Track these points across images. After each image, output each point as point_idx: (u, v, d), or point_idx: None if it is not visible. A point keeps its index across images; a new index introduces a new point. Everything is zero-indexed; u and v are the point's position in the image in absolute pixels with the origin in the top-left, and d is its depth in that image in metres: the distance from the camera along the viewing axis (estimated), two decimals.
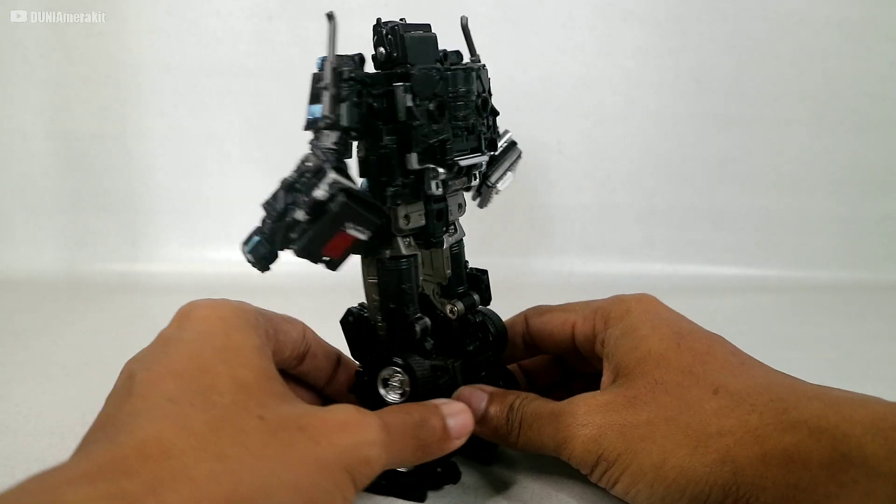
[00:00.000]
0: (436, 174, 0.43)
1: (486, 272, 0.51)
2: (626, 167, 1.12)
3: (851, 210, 1.14)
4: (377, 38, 0.44)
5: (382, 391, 0.45)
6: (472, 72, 0.45)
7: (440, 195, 0.45)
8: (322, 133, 0.40)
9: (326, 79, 0.40)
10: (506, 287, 0.50)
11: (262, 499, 0.30)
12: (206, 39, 1.10)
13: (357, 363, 0.49)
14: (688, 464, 0.38)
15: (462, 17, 0.47)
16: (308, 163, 0.39)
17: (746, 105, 1.12)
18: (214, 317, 0.39)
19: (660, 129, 1.12)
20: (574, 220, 1.11)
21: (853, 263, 1.13)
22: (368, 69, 0.44)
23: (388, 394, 0.45)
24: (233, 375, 0.35)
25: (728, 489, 0.37)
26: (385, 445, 0.36)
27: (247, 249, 0.43)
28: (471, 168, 0.47)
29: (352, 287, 0.51)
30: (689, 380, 0.40)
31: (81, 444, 0.33)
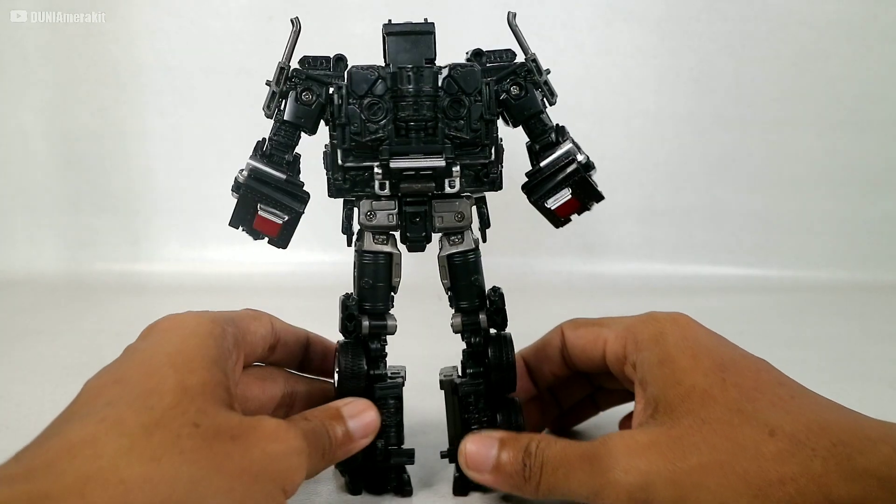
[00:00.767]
0: (377, 174, 0.43)
1: (500, 293, 0.48)
2: (626, 167, 1.12)
3: (851, 210, 1.14)
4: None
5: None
6: (433, 72, 0.43)
7: (416, 199, 0.45)
8: (273, 124, 0.45)
9: (273, 76, 0.44)
10: (506, 287, 0.49)
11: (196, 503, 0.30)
12: (206, 39, 1.10)
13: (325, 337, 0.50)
14: None
15: (508, 14, 0.46)
16: None
17: (746, 105, 1.12)
18: (175, 327, 0.39)
19: (660, 129, 1.12)
20: (574, 220, 1.11)
21: (853, 263, 1.13)
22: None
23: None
24: (179, 380, 0.34)
25: None
26: (307, 455, 0.37)
27: None
28: (432, 171, 0.43)
29: (351, 287, 0.51)
30: (740, 419, 0.37)
31: (18, 453, 0.32)
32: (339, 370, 0.45)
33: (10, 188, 1.15)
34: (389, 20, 0.44)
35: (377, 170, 0.43)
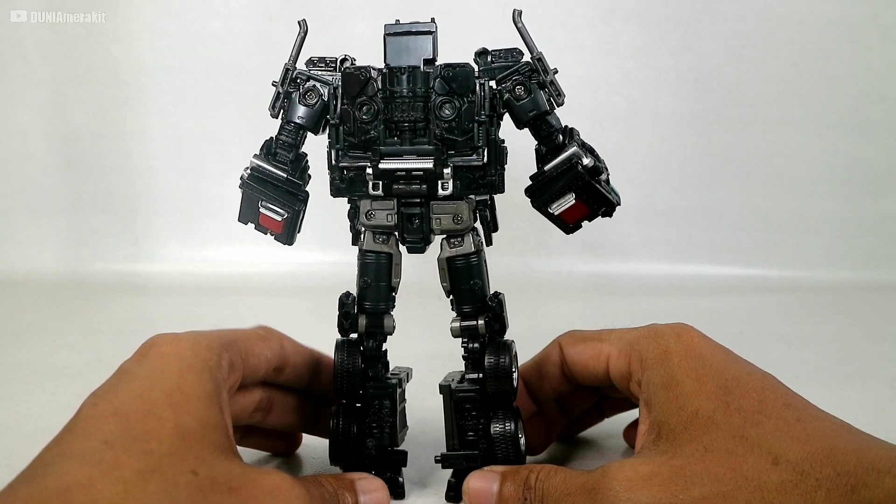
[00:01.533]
0: (368, 174, 0.43)
1: (500, 299, 0.46)
2: (626, 167, 1.12)
3: (851, 210, 1.14)
4: None
5: None
6: (425, 72, 0.43)
7: (413, 200, 0.44)
8: (279, 124, 0.46)
9: (279, 77, 0.45)
10: (506, 287, 0.49)
11: None
12: (206, 39, 1.10)
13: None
14: None
15: (514, 12, 0.45)
16: None
17: (746, 105, 1.12)
18: (172, 355, 0.38)
19: (660, 129, 1.12)
20: None
21: (853, 263, 1.13)
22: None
23: None
24: (177, 422, 0.34)
25: None
26: None
27: None
28: (421, 173, 0.43)
29: (351, 287, 0.51)
30: (743, 447, 0.36)
31: (11, 482, 0.32)
32: (335, 368, 0.45)
33: (10, 188, 1.15)
34: (397, 20, 0.44)
35: (368, 170, 0.43)
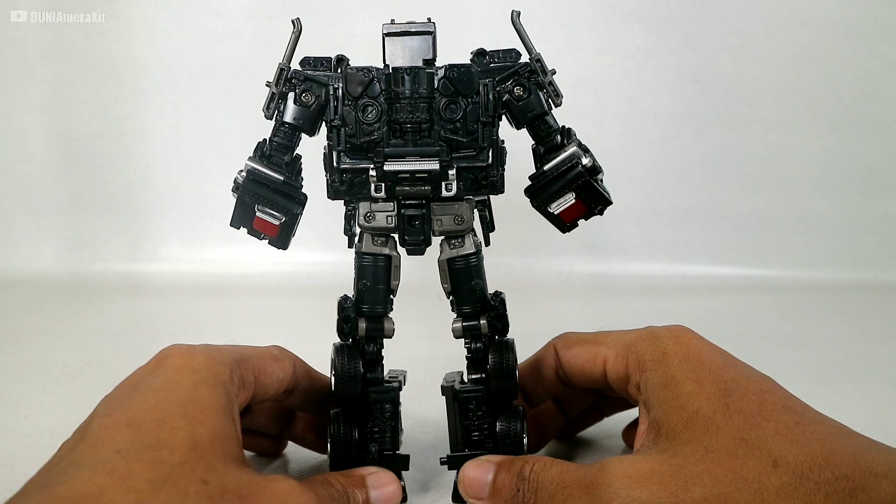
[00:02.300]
0: (372, 176, 0.43)
1: (501, 298, 0.47)
2: (627, 167, 1.12)
3: (851, 210, 1.14)
4: None
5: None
6: (429, 73, 0.43)
7: (415, 201, 0.44)
8: (273, 125, 0.45)
9: (273, 78, 0.44)
10: (506, 287, 0.49)
11: None
12: (206, 39, 1.10)
13: None
14: None
15: (512, 13, 0.44)
16: None
17: (746, 105, 1.12)
18: (186, 367, 0.38)
19: (660, 129, 1.12)
20: None
21: (853, 263, 1.13)
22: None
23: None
24: (189, 432, 0.34)
25: None
26: None
27: None
28: (426, 174, 0.43)
29: (350, 289, 0.51)
30: (743, 449, 0.36)
31: (22, 489, 0.32)
32: (335, 373, 0.45)
33: (10, 188, 1.15)
34: (392, 20, 0.44)
35: (372, 172, 0.43)
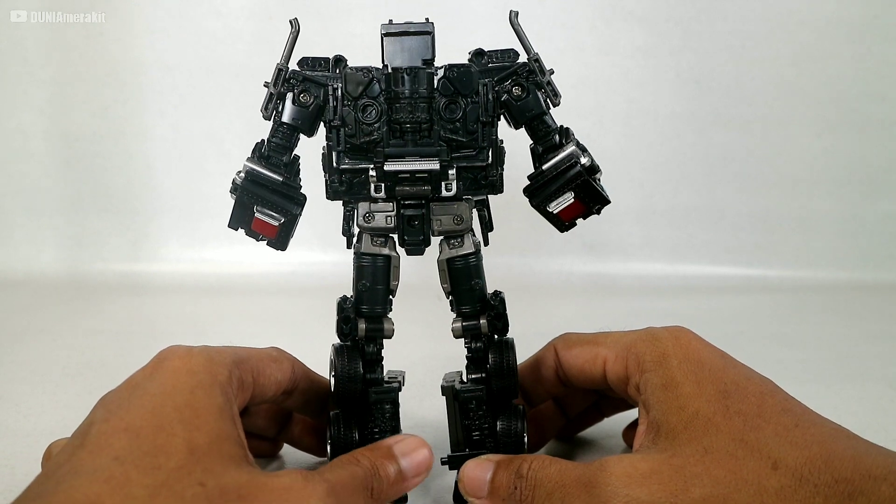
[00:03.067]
0: (372, 176, 0.43)
1: (501, 298, 0.47)
2: (626, 167, 1.12)
3: (851, 210, 1.14)
4: None
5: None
6: (428, 73, 0.43)
7: (413, 201, 0.44)
8: (271, 126, 0.45)
9: (271, 78, 0.44)
10: (506, 287, 0.48)
11: None
12: (206, 39, 1.10)
13: None
14: None
15: (510, 13, 0.44)
16: None
17: (746, 105, 1.12)
18: (184, 370, 0.38)
19: (660, 129, 1.12)
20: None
21: (853, 263, 1.13)
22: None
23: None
24: (187, 437, 0.34)
25: None
26: None
27: None
28: (427, 174, 0.43)
29: (350, 288, 0.51)
30: (743, 450, 0.36)
31: (20, 497, 0.32)
32: (335, 374, 0.45)
33: (10, 188, 1.15)
34: (390, 20, 0.44)
35: (372, 172, 0.43)
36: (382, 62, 0.44)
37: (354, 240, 0.47)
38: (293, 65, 0.45)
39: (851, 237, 1.14)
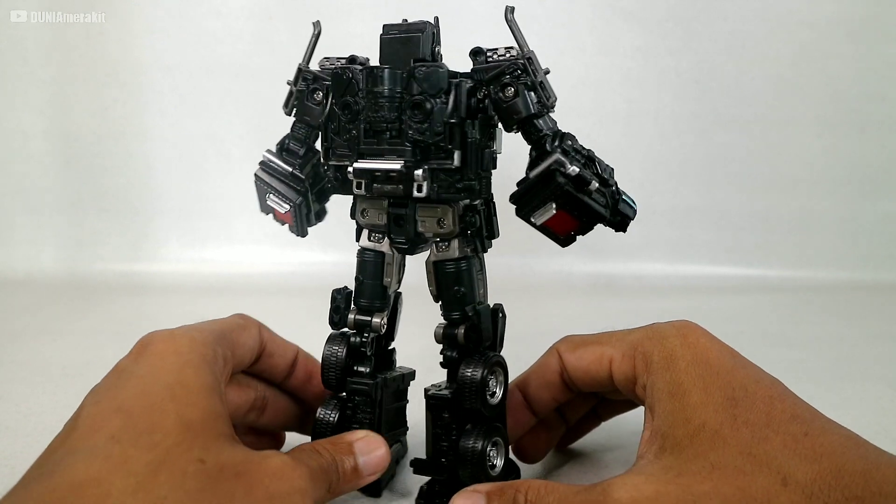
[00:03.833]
0: (349, 173, 0.44)
1: (480, 311, 0.44)
2: (626, 167, 1.12)
3: (851, 210, 1.14)
4: None
5: None
6: (396, 73, 0.42)
7: (399, 201, 0.44)
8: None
9: (293, 77, 0.48)
10: (506, 287, 0.49)
11: None
12: (206, 39, 1.10)
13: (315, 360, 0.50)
14: None
15: (506, 9, 0.43)
16: None
17: (746, 105, 1.12)
18: (170, 351, 0.38)
19: (660, 129, 1.12)
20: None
21: (853, 263, 1.13)
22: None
23: None
24: (180, 414, 0.34)
25: None
26: (310, 496, 0.36)
27: None
28: (401, 173, 0.42)
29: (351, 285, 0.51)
30: (751, 464, 0.35)
31: (21, 481, 0.32)
32: (322, 358, 0.46)
33: (10, 188, 1.15)
34: (405, 20, 0.44)
35: (349, 169, 0.43)
36: (380, 62, 0.44)
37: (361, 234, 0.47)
38: (314, 64, 0.47)
39: (851, 237, 1.14)
